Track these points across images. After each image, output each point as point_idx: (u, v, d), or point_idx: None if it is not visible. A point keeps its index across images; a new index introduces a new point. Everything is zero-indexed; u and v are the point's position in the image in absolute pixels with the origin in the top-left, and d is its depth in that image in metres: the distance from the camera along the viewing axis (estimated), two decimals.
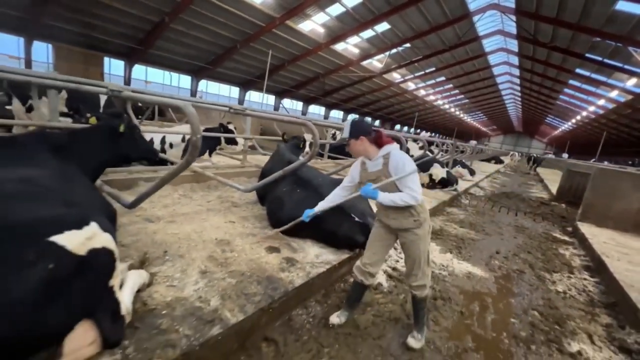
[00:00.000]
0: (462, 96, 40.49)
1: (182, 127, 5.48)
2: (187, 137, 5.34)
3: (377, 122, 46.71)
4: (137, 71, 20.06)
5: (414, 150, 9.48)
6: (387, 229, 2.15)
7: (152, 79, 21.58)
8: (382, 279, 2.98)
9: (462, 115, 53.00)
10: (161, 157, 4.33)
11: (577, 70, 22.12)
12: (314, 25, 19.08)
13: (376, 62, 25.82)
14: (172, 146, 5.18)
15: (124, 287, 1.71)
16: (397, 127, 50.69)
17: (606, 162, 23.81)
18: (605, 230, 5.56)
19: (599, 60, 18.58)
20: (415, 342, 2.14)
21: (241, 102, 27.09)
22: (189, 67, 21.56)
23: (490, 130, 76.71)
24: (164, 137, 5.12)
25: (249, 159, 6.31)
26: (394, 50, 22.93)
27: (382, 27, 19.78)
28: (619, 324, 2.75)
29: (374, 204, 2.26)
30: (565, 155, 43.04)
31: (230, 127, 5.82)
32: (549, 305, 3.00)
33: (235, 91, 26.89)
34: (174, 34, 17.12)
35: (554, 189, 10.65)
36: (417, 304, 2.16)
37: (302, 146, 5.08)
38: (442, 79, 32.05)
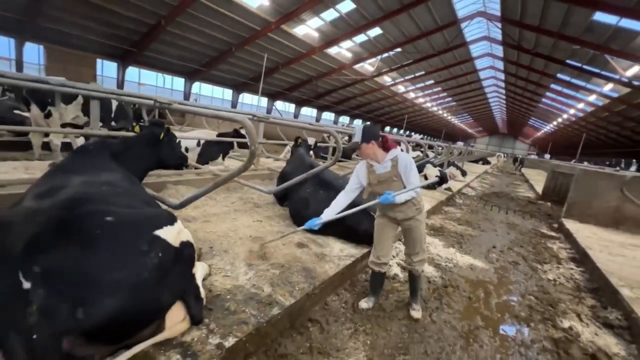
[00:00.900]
0: (450, 99, 41.64)
1: (197, 133, 5.71)
2: (202, 141, 5.60)
3: (395, 130, 47.37)
4: (131, 73, 19.94)
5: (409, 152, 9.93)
6: (392, 221, 2.48)
7: (145, 81, 21.46)
8: (397, 271, 3.33)
9: (449, 117, 54.39)
10: None
11: (559, 75, 23.27)
12: (308, 29, 19.43)
13: (368, 66, 26.37)
14: (187, 150, 5.41)
15: (196, 276, 2.00)
16: (387, 129, 51.51)
17: (585, 163, 25.07)
18: (587, 225, 6.10)
19: (579, 66, 19.64)
20: (416, 312, 2.55)
21: (234, 104, 27.13)
22: (182, 69, 21.53)
23: (476, 131, 78.88)
24: (179, 142, 5.34)
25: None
26: (385, 54, 23.58)
27: (375, 32, 20.32)
28: (602, 305, 3.19)
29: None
30: (547, 156, 44.82)
31: (242, 132, 6.08)
32: (542, 290, 3.43)
33: (228, 93, 26.92)
34: (170, 37, 17.13)
35: (539, 188, 11.22)
36: (416, 279, 2.56)
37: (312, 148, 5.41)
38: (431, 82, 32.95)
